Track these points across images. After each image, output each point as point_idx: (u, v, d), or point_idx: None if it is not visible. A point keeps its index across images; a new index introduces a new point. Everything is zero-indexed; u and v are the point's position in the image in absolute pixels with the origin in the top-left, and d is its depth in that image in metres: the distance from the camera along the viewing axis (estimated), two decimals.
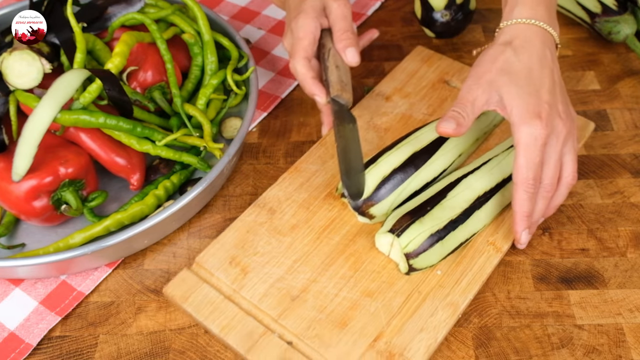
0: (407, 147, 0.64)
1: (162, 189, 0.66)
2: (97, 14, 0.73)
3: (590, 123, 0.72)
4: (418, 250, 0.58)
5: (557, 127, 0.57)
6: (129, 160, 0.66)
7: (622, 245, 0.64)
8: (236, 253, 0.62)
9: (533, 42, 0.59)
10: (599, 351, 0.57)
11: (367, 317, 0.57)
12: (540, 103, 0.56)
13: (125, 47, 0.68)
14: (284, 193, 0.67)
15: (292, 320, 0.57)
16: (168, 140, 0.66)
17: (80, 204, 0.64)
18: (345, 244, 0.63)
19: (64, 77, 0.62)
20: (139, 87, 0.70)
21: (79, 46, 0.66)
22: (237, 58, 0.77)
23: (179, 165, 0.70)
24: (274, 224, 0.64)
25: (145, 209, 0.65)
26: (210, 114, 0.73)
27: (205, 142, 0.67)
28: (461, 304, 0.58)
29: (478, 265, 0.61)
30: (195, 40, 0.74)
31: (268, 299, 0.59)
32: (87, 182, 0.65)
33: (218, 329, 0.57)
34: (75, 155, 0.64)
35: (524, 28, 0.60)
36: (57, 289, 0.63)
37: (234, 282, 0.60)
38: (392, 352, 0.55)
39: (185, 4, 0.75)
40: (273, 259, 0.62)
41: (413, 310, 0.58)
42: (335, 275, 0.60)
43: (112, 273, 0.64)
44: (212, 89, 0.73)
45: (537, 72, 0.58)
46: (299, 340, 0.56)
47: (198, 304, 0.59)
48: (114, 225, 0.64)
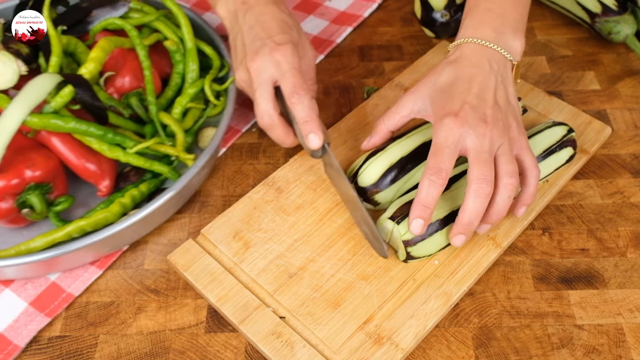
0: (417, 137, 0.66)
1: (129, 197, 0.65)
2: (81, 16, 0.73)
3: (607, 127, 0.73)
4: (416, 238, 0.59)
5: (478, 128, 0.57)
6: (99, 166, 0.66)
7: (622, 245, 0.64)
8: (241, 227, 0.64)
9: (469, 57, 0.62)
10: (599, 351, 0.57)
11: (360, 299, 0.59)
12: (459, 104, 0.58)
13: (100, 52, 0.67)
14: (293, 174, 0.69)
15: (287, 296, 0.59)
16: (139, 148, 0.66)
17: (45, 208, 0.64)
18: (346, 228, 0.64)
19: (36, 80, 0.62)
20: (115, 92, 0.69)
21: (55, 50, 0.66)
22: (219, 67, 0.76)
23: (150, 173, 0.69)
24: (280, 203, 0.66)
25: (109, 217, 0.64)
26: (187, 123, 0.72)
27: (177, 151, 0.67)
28: (454, 294, 0.59)
29: (475, 258, 0.61)
30: (177, 47, 0.73)
31: (266, 274, 0.61)
32: (55, 186, 0.65)
33: (215, 298, 0.59)
34: (44, 158, 0.63)
35: (464, 46, 0.63)
36: (47, 290, 0.63)
37: (235, 255, 0.62)
38: (380, 335, 0.56)
39: (170, 10, 0.75)
40: (275, 236, 0.63)
41: (406, 297, 0.59)
42: (334, 257, 0.62)
43: (112, 273, 0.64)
44: (189, 98, 0.72)
45: (465, 80, 0.60)
46: (291, 316, 0.58)
47: (198, 273, 0.61)
48: (76, 232, 0.63)
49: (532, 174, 0.60)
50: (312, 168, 0.69)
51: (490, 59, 0.62)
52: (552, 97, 0.76)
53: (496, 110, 0.59)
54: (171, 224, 0.68)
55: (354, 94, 0.81)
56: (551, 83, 0.80)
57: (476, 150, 0.57)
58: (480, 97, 0.59)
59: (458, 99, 0.59)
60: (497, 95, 0.60)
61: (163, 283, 0.63)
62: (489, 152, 0.57)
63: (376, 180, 0.63)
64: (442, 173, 0.56)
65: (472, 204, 0.56)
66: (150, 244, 0.67)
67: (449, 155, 0.56)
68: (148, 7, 0.76)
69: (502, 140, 0.58)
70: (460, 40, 0.64)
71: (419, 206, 0.56)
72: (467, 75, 0.61)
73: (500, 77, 0.62)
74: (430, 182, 0.56)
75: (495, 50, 0.62)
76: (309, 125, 0.63)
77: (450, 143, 0.57)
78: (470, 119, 0.57)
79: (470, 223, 0.57)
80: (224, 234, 0.64)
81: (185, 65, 0.74)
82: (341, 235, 0.64)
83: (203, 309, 0.61)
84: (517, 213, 0.61)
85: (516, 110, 0.62)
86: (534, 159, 0.60)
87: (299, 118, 0.63)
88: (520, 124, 0.61)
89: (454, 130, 0.57)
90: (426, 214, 0.56)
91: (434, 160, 0.56)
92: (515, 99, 0.62)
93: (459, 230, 0.57)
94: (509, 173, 0.57)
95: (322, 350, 0.56)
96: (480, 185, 0.56)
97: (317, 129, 0.63)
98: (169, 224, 0.68)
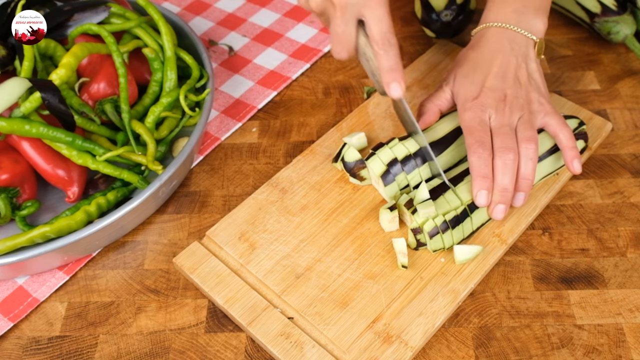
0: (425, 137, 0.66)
1: (95, 205, 0.65)
2: (62, 19, 0.72)
3: (608, 123, 0.73)
4: (432, 231, 0.60)
5: (498, 107, 0.62)
6: (67, 172, 0.66)
7: (622, 245, 0.64)
8: (246, 229, 0.64)
9: (490, 40, 0.66)
10: (599, 351, 0.57)
11: (367, 298, 0.59)
12: (479, 88, 0.64)
13: (72, 58, 0.66)
14: (297, 174, 0.69)
15: (294, 297, 0.59)
16: (108, 156, 0.65)
17: (9, 212, 0.64)
18: (352, 227, 0.64)
19: (6, 84, 0.62)
20: (90, 99, 0.69)
21: (27, 54, 0.66)
22: (197, 77, 0.74)
23: (120, 182, 0.69)
24: (284, 204, 0.66)
25: (72, 225, 0.63)
26: (162, 132, 0.71)
27: (147, 161, 0.66)
28: (462, 291, 0.59)
29: (482, 255, 0.62)
30: (155, 55, 0.72)
31: (273, 275, 0.61)
32: (23, 190, 0.65)
33: (222, 300, 0.59)
34: (12, 162, 0.63)
35: (486, 31, 0.67)
36: (13, 295, 0.63)
37: (241, 256, 0.62)
38: (389, 334, 0.56)
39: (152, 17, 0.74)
40: (281, 237, 0.64)
41: (414, 295, 0.59)
42: (340, 257, 0.62)
43: (112, 273, 0.64)
44: (163, 107, 0.70)
45: (486, 64, 0.65)
46: (300, 316, 0.58)
47: (205, 275, 0.61)
48: (40, 237, 0.62)
49: (563, 133, 0.63)
50: (315, 168, 0.70)
51: (511, 40, 0.65)
52: (552, 94, 0.76)
53: (516, 88, 0.64)
54: (171, 224, 0.68)
55: (354, 94, 0.81)
56: (551, 83, 0.80)
57: (498, 125, 0.62)
58: (500, 78, 0.64)
59: (478, 83, 0.64)
60: (519, 74, 0.64)
61: (163, 283, 0.63)
62: (509, 125, 0.62)
63: (380, 174, 0.64)
64: (484, 144, 0.60)
65: (500, 171, 0.60)
66: (150, 244, 0.67)
67: (481, 130, 0.61)
68: (130, 12, 0.75)
69: (522, 112, 0.63)
70: (483, 25, 0.68)
71: (478, 178, 0.60)
72: (488, 58, 0.65)
73: (521, 57, 0.65)
74: (478, 155, 0.60)
75: (516, 32, 0.66)
76: (394, 74, 0.61)
77: (477, 123, 0.62)
78: (491, 101, 0.62)
79: (505, 189, 0.60)
80: (230, 235, 0.64)
81: (164, 74, 0.73)
82: (347, 234, 0.64)
83: (203, 309, 0.61)
84: (572, 168, 0.63)
85: (539, 85, 0.65)
86: (560, 120, 0.63)
87: (385, 66, 0.61)
88: (543, 95, 0.65)
89: (477, 111, 0.62)
90: (487, 184, 0.60)
91: (472, 137, 0.61)
92: (537, 74, 0.66)
93: (497, 200, 0.60)
94: (526, 138, 0.61)
95: (331, 350, 0.56)
96: (503, 153, 0.60)
97: (401, 79, 0.61)
98: (169, 224, 0.68)
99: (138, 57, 0.75)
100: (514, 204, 0.62)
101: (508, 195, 0.60)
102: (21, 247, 0.63)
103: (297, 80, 0.83)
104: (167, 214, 0.69)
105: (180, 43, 0.80)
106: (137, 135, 0.70)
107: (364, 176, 0.67)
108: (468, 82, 0.65)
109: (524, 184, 0.61)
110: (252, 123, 0.78)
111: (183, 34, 0.80)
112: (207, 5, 0.95)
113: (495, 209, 0.60)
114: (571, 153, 0.63)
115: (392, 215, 0.62)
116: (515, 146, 0.61)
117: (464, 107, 0.63)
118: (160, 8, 0.81)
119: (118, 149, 0.66)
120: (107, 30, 0.70)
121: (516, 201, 0.62)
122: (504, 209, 0.60)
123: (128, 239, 0.67)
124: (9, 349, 0.60)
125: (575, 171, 0.63)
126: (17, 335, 0.60)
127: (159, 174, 0.66)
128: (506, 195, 0.60)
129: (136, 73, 0.74)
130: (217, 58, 0.86)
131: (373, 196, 0.67)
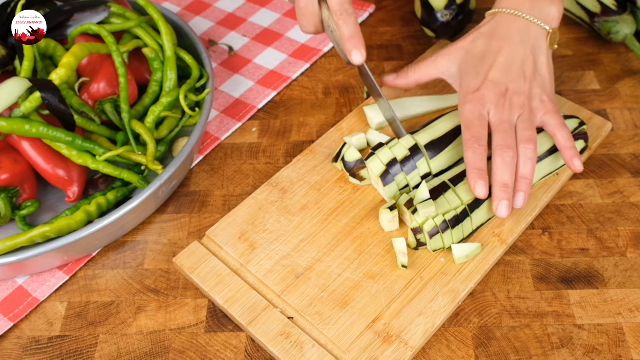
0: (424, 135, 0.66)
1: (95, 205, 0.65)
2: (62, 19, 0.72)
3: (608, 123, 0.73)
4: (432, 231, 0.60)
5: (498, 102, 0.62)
6: (68, 172, 0.65)
7: (622, 245, 0.64)
8: (246, 229, 0.64)
9: (499, 29, 0.65)
10: (599, 351, 0.57)
11: (367, 298, 0.59)
12: (482, 80, 0.63)
13: (72, 58, 0.66)
14: (297, 174, 0.69)
15: (294, 296, 0.59)
16: (108, 156, 0.65)
17: (9, 212, 0.64)
18: (352, 227, 0.64)
19: (6, 84, 0.62)
20: (90, 98, 0.69)
21: (27, 54, 0.66)
22: (197, 77, 0.74)
23: (120, 182, 0.69)
24: (284, 204, 0.67)
25: (72, 225, 0.63)
26: (163, 132, 0.71)
27: (147, 161, 0.66)
28: (462, 291, 0.59)
29: (482, 255, 0.62)
30: (155, 55, 0.72)
31: (273, 275, 0.61)
32: (23, 190, 0.65)
33: (222, 300, 0.59)
34: (12, 162, 0.63)
35: (498, 16, 0.66)
36: (13, 294, 0.63)
37: (241, 256, 0.62)
38: (389, 334, 0.56)
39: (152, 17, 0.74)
40: (281, 237, 0.64)
41: (414, 295, 0.59)
42: (340, 256, 0.62)
43: (112, 273, 0.64)
44: (162, 107, 0.70)
45: (492, 54, 0.64)
46: (300, 316, 0.58)
47: (205, 275, 0.61)
48: (39, 237, 0.62)
49: (561, 134, 0.62)
50: (315, 168, 0.70)
51: (522, 30, 0.64)
52: None
53: (519, 83, 0.63)
54: (171, 224, 0.68)
55: (354, 94, 0.81)
56: None
57: (497, 121, 0.61)
58: (504, 70, 0.63)
59: (482, 75, 0.63)
60: (525, 67, 0.64)
61: (163, 283, 0.63)
62: (508, 122, 0.61)
63: (380, 174, 0.64)
64: (480, 140, 0.60)
65: (500, 168, 0.60)
66: (150, 244, 0.67)
67: (479, 125, 0.61)
68: (130, 12, 0.75)
69: (522, 110, 0.62)
70: (496, 10, 0.67)
71: (474, 171, 0.60)
72: (495, 48, 0.64)
73: (530, 48, 0.64)
74: (474, 150, 0.60)
75: (529, 21, 0.64)
76: (355, 42, 0.64)
77: (476, 117, 0.62)
78: (492, 95, 0.62)
79: (505, 185, 0.60)
80: (229, 235, 0.64)
81: (164, 74, 0.73)
82: (347, 234, 0.64)
83: (203, 308, 0.61)
84: (573, 167, 0.62)
85: (545, 80, 0.64)
86: (559, 120, 0.63)
87: (346, 34, 0.64)
88: (547, 92, 0.64)
89: (477, 105, 0.62)
90: (482, 176, 0.60)
91: (469, 132, 0.61)
92: (546, 69, 0.65)
93: (499, 196, 0.60)
94: (525, 138, 0.61)
95: (331, 350, 0.56)
96: (503, 151, 0.60)
97: (361, 46, 0.64)
98: (169, 223, 0.68)
99: (138, 57, 0.75)
100: (514, 205, 0.61)
101: (509, 191, 0.60)
102: (21, 247, 0.63)
103: (297, 80, 0.83)
104: (167, 214, 0.69)
105: (180, 43, 0.80)
106: (137, 135, 0.70)
107: (364, 176, 0.67)
108: (472, 72, 0.64)
109: (523, 184, 0.61)
110: (252, 123, 0.78)
111: (183, 34, 0.80)
112: (207, 5, 0.95)
113: (499, 205, 0.60)
114: (570, 153, 0.62)
115: (392, 215, 0.62)
116: (514, 144, 0.60)
117: (465, 98, 0.63)
118: (160, 8, 0.81)
119: (118, 149, 0.66)
120: (107, 30, 0.70)
121: (516, 202, 0.61)
122: (508, 205, 0.60)
123: (128, 238, 0.67)
124: (9, 349, 0.60)
125: (576, 169, 0.62)
126: (17, 335, 0.60)
127: (159, 174, 0.66)
128: (507, 191, 0.60)
129: (136, 73, 0.74)
130: (217, 58, 0.86)
131: (373, 196, 0.67)
